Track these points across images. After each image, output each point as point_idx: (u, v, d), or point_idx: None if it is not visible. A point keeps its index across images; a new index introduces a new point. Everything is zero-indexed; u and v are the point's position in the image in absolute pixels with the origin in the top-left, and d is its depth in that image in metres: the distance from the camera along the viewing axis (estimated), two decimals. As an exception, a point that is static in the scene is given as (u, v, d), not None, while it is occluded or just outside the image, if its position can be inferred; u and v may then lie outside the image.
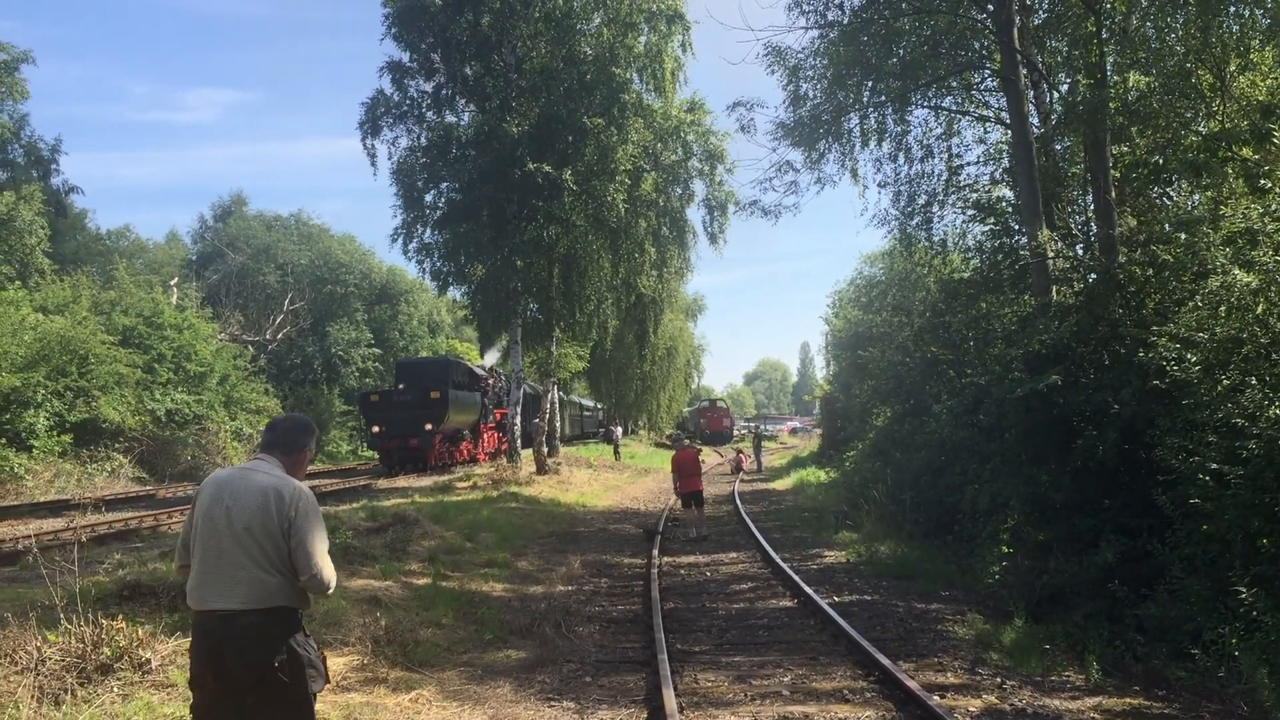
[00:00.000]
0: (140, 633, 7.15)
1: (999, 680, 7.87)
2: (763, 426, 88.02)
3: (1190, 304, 10.62)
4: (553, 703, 7.42)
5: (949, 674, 8.13)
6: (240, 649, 3.86)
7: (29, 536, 14.57)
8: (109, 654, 6.81)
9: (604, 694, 7.67)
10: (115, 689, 6.55)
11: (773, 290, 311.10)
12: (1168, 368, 10.01)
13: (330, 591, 4.13)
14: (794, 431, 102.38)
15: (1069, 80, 17.23)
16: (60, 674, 6.50)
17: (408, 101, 27.56)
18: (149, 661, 6.91)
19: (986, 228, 18.49)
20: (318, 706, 6.62)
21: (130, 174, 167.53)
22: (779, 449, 66.61)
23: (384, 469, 32.12)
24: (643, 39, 27.72)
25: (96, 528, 16.83)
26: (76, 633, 6.85)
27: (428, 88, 27.67)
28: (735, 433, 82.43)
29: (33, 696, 6.07)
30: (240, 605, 3.89)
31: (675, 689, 7.48)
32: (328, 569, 4.06)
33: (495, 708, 7.25)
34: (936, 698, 7.10)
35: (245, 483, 4.06)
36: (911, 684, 7.28)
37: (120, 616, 7.36)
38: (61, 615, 6.97)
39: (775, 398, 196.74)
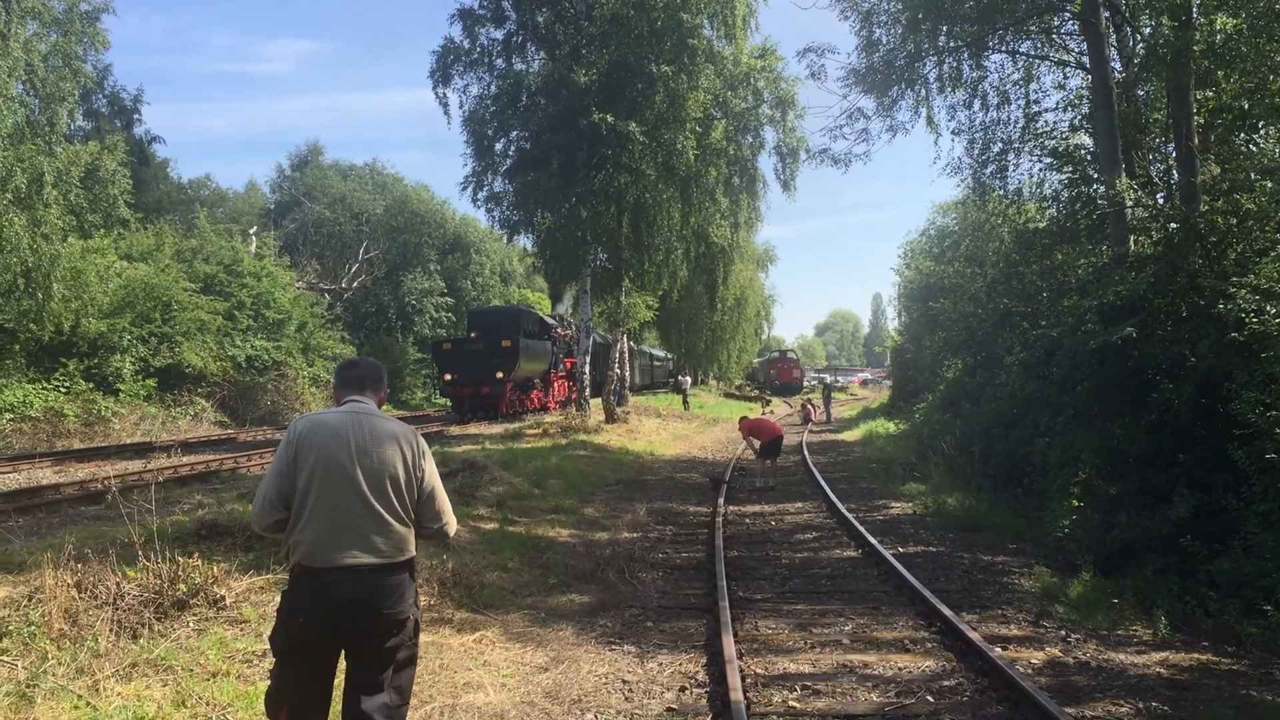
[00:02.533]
0: (216, 570, 7.39)
1: (1063, 634, 7.81)
2: (833, 378, 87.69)
3: (1273, 254, 10.28)
4: (614, 646, 7.52)
5: (1012, 626, 8.08)
6: (386, 603, 3.75)
7: (111, 478, 15.06)
8: (185, 590, 7.05)
9: (665, 639, 7.75)
10: (191, 624, 6.79)
11: (844, 241, 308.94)
12: (1247, 320, 9.74)
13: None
14: (865, 383, 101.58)
15: (1152, 23, 16.63)
16: (138, 609, 6.75)
17: (478, 49, 27.62)
18: (223, 598, 7.15)
19: (1064, 176, 18.02)
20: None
21: (210, 125, 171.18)
22: (849, 400, 66.19)
23: (456, 416, 32.58)
24: (714, -16, 27.31)
25: (179, 469, 17.36)
26: (154, 569, 7.09)
27: (498, 35, 27.69)
28: (805, 384, 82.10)
29: (111, 630, 6.32)
30: (383, 559, 3.75)
31: (735, 635, 7.54)
32: (454, 518, 4.08)
33: (557, 649, 7.37)
34: (998, 649, 7.07)
35: (374, 430, 3.87)
36: (973, 635, 7.25)
37: (196, 554, 7.62)
38: (140, 553, 7.22)
39: (846, 349, 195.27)
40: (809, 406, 40.54)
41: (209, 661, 6.10)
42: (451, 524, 4.07)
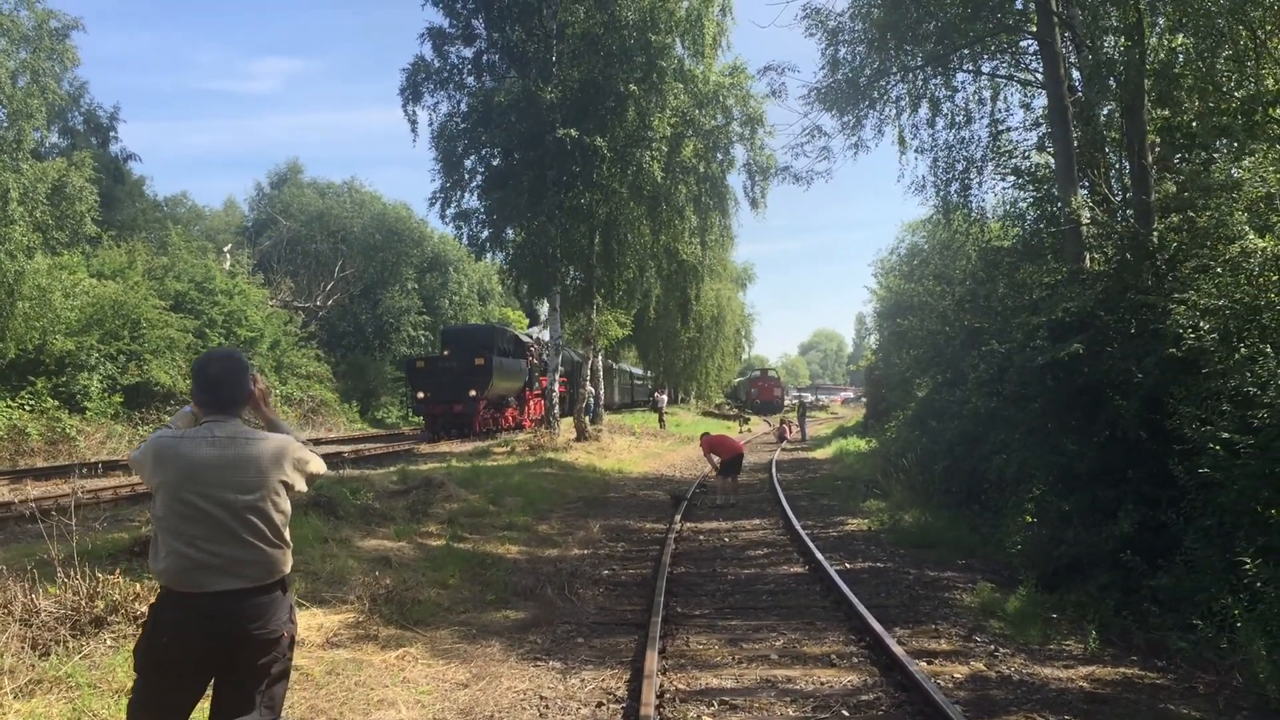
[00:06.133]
0: (137, 587, 7.30)
1: (992, 648, 7.78)
2: (813, 396, 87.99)
3: (1211, 271, 10.34)
4: (539, 662, 7.46)
5: (942, 641, 8.05)
6: (256, 624, 3.60)
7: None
8: (103, 607, 6.96)
9: (592, 654, 7.70)
10: (108, 640, 6.70)
11: (829, 260, 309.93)
12: (1184, 335, 9.77)
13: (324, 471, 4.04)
14: (845, 402, 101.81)
15: (1106, 43, 16.75)
16: (53, 626, 6.65)
17: (448, 68, 27.61)
18: (144, 615, 7.05)
19: (1027, 195, 18.11)
20: (304, 662, 6.74)
21: (196, 141, 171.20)
22: (829, 419, 66.26)
23: (429, 434, 32.46)
24: (684, 3, 27.38)
25: (136, 487, 17.20)
26: (73, 586, 7.02)
27: (468, 54, 27.71)
28: (786, 402, 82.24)
29: (23, 645, 6.22)
30: (252, 583, 3.61)
31: (664, 651, 7.52)
32: (320, 466, 3.96)
33: (480, 666, 7.30)
34: (921, 664, 7.04)
35: (236, 462, 3.64)
36: (897, 650, 7.20)
37: (118, 571, 7.54)
38: (60, 570, 7.15)
39: (830, 368, 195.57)
40: (785, 425, 40.63)
41: (116, 679, 6.01)
42: (322, 470, 3.98)
